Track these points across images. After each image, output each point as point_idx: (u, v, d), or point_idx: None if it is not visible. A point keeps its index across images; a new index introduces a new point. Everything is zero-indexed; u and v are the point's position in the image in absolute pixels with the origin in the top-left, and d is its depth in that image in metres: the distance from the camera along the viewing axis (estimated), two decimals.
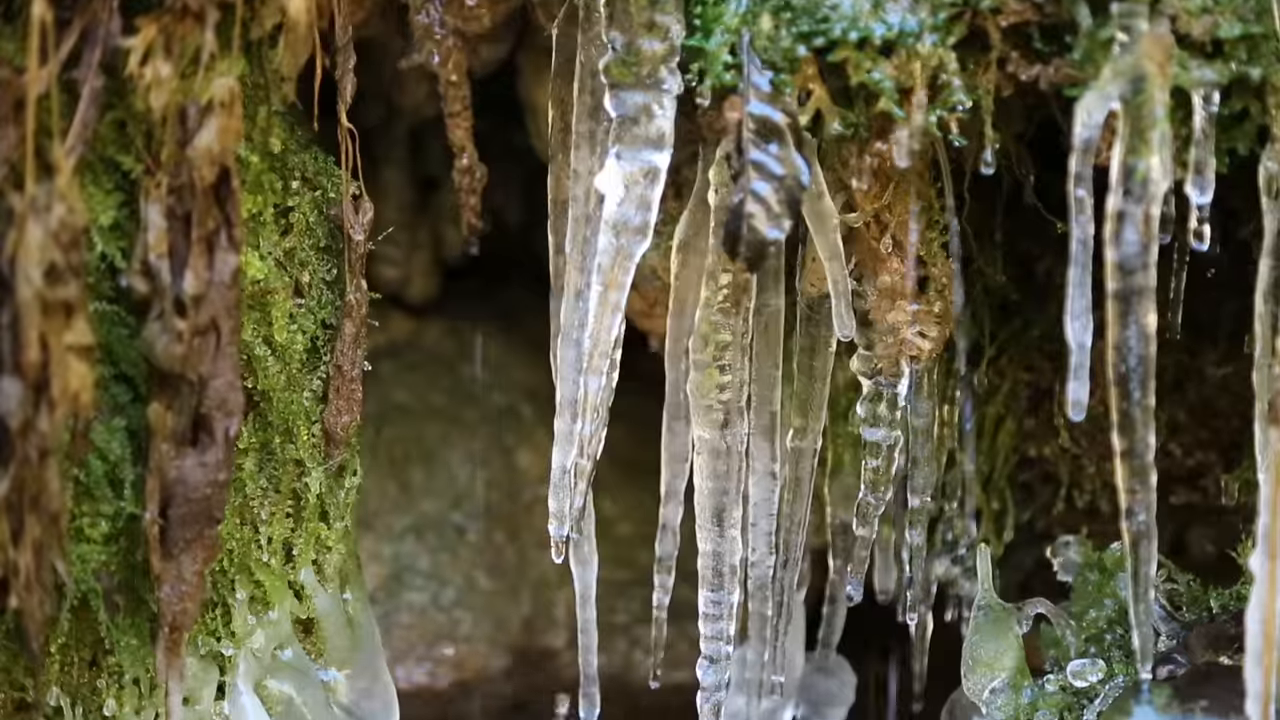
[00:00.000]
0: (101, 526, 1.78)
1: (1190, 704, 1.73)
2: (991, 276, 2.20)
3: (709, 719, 2.01)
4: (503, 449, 2.81)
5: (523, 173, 2.79)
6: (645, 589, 2.04)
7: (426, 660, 2.68)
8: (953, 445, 2.26)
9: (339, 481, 1.96)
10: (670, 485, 1.96)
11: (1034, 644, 2.00)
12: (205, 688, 1.88)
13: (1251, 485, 2.14)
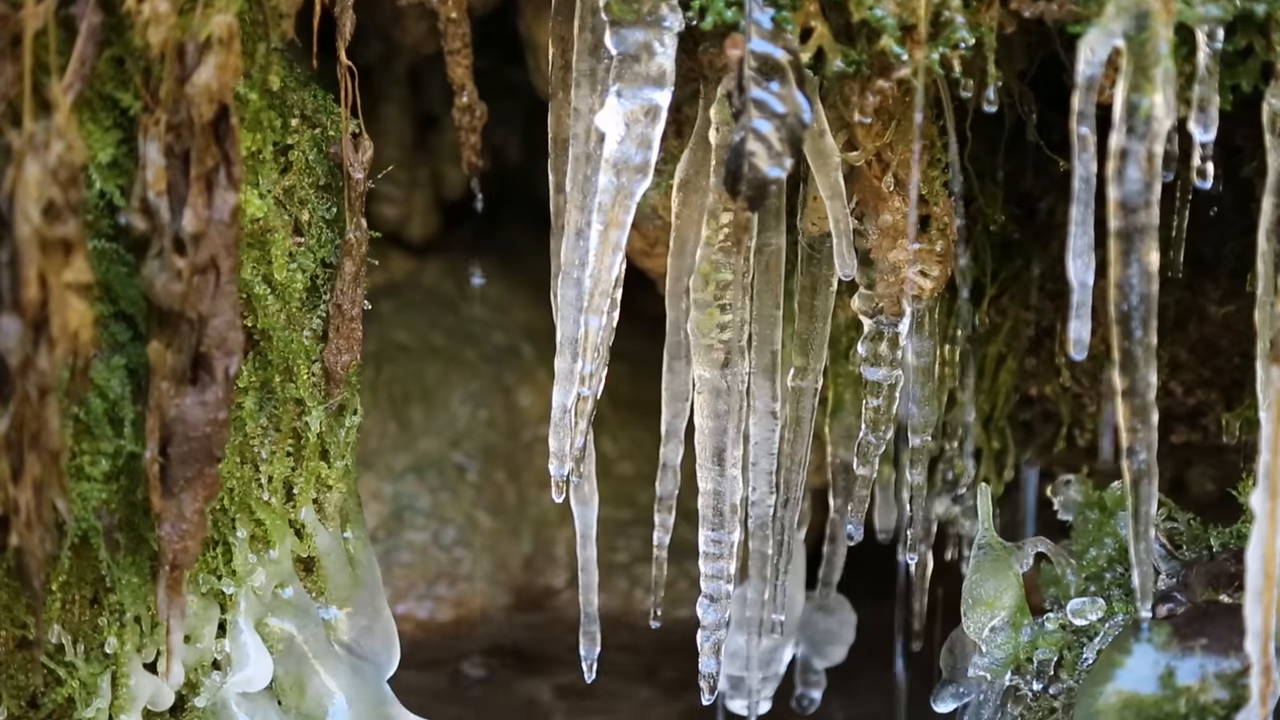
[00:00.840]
0: (102, 464, 1.78)
1: (1190, 642, 1.74)
2: (993, 215, 2.19)
3: (709, 657, 2.01)
4: (503, 388, 2.81)
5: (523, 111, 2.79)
6: (646, 528, 2.05)
7: (427, 599, 2.69)
8: (953, 384, 2.26)
9: (339, 420, 1.96)
10: (671, 424, 1.96)
11: (1034, 583, 2.00)
12: (206, 625, 1.89)
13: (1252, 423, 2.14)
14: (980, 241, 2.24)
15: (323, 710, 1.95)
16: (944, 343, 2.19)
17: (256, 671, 1.92)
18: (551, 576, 2.77)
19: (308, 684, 1.95)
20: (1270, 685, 1.61)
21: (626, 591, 2.73)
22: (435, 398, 2.78)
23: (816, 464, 2.21)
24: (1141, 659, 1.75)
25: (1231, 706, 1.69)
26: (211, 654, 1.90)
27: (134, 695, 1.85)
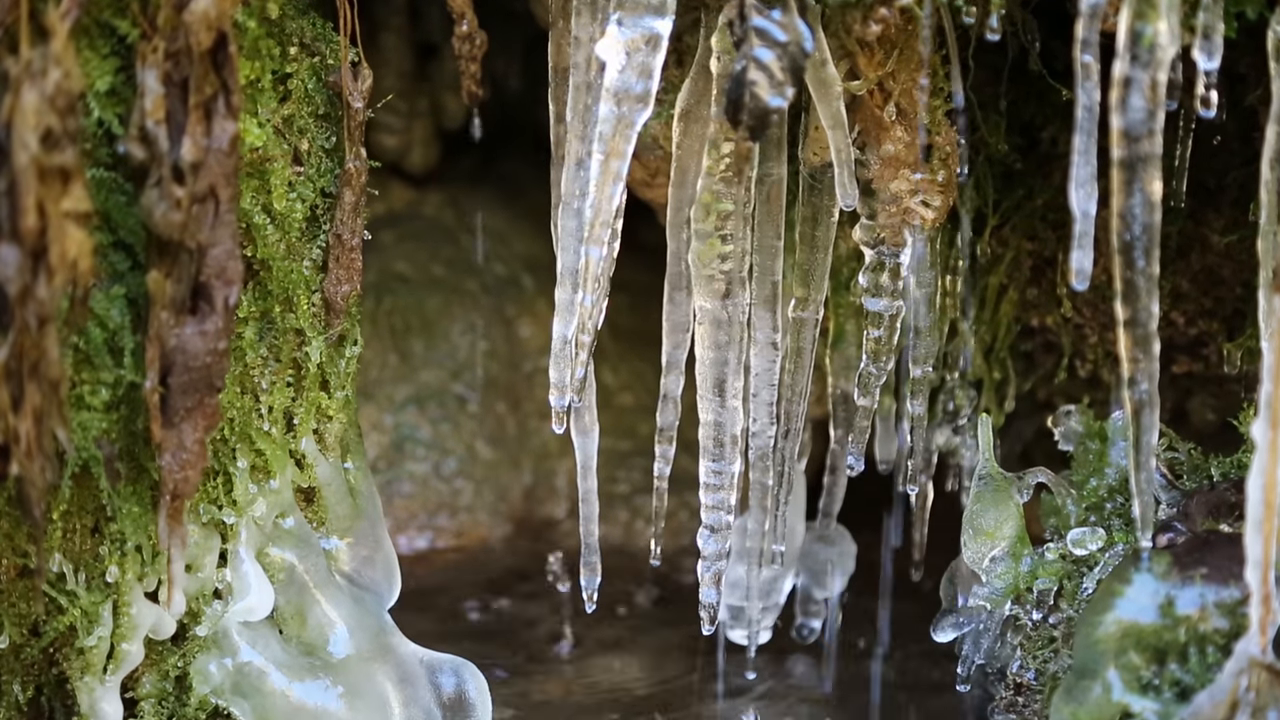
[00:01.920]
0: (102, 394, 1.78)
1: (1190, 571, 1.74)
2: (995, 145, 2.19)
3: (709, 587, 2.02)
4: (503, 319, 2.81)
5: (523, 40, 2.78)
6: (646, 459, 2.05)
7: (428, 529, 2.69)
8: (954, 315, 2.26)
9: (339, 351, 1.96)
10: (671, 355, 1.96)
11: (1034, 513, 2.01)
12: (207, 555, 1.89)
13: (1254, 353, 2.14)
14: (982, 171, 2.23)
15: (324, 639, 1.96)
16: (945, 273, 2.18)
17: (258, 601, 1.92)
18: (552, 507, 2.77)
19: (309, 613, 1.96)
20: (1270, 614, 1.61)
21: (627, 522, 2.73)
22: (436, 329, 2.78)
23: (817, 395, 2.21)
24: (1141, 588, 1.75)
25: (1231, 635, 1.70)
26: (213, 583, 1.90)
27: (135, 624, 1.85)
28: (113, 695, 1.87)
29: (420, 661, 2.01)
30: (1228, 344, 2.26)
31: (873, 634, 2.42)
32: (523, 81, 2.88)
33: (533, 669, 2.36)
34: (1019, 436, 2.53)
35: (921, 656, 2.30)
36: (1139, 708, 1.71)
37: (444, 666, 2.02)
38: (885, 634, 2.40)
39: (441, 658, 2.02)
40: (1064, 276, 2.27)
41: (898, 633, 2.39)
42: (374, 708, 1.96)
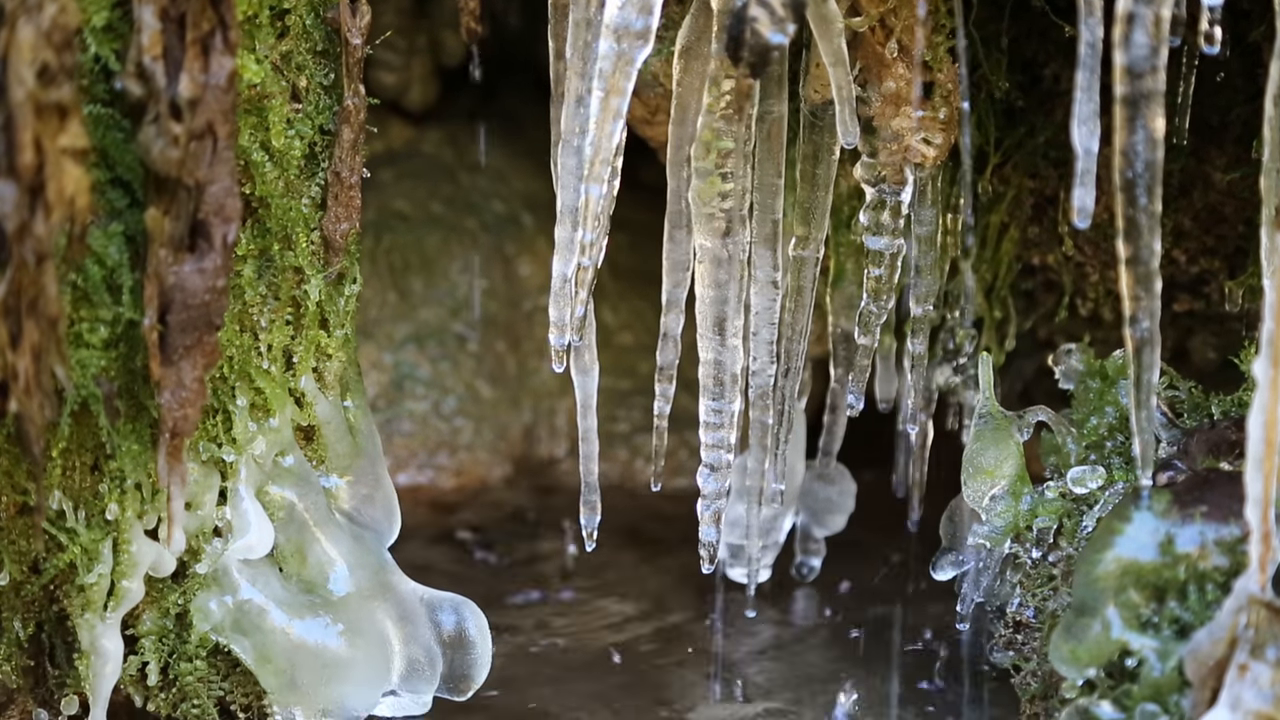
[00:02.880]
0: (100, 332, 1.77)
1: (1190, 509, 1.74)
2: (997, 82, 2.18)
3: (709, 526, 2.02)
4: (503, 258, 2.80)
5: None
6: (646, 398, 2.05)
7: (428, 468, 2.70)
8: (955, 253, 2.25)
9: (338, 289, 1.96)
10: (671, 294, 1.96)
11: (1034, 451, 2.01)
12: (207, 493, 1.89)
13: (1255, 291, 2.14)
14: (984, 109, 2.22)
15: (324, 577, 1.96)
16: (946, 211, 2.17)
17: (257, 539, 1.92)
18: (552, 446, 2.78)
19: (309, 551, 1.96)
20: (1269, 552, 1.61)
21: (627, 461, 2.73)
22: (435, 267, 2.77)
23: (817, 333, 2.21)
24: (1141, 526, 1.75)
25: (1230, 573, 1.70)
26: (212, 521, 1.90)
27: (135, 561, 1.86)
28: (113, 632, 1.88)
29: (420, 599, 2.01)
30: (1229, 282, 2.26)
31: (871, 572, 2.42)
32: (522, 18, 2.86)
33: (532, 606, 2.37)
34: (1019, 375, 2.53)
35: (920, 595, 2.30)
36: (1138, 645, 1.71)
37: (444, 604, 2.02)
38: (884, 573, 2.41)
39: (441, 595, 2.03)
40: (1065, 214, 2.27)
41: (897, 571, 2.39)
42: (374, 645, 1.96)
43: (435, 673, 2.00)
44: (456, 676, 2.02)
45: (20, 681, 1.92)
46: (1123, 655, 1.72)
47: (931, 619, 2.28)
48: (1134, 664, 1.71)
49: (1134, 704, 1.70)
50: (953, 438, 2.35)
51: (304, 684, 1.93)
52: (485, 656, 2.03)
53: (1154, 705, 1.69)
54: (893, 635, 2.28)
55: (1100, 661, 1.73)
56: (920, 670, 2.18)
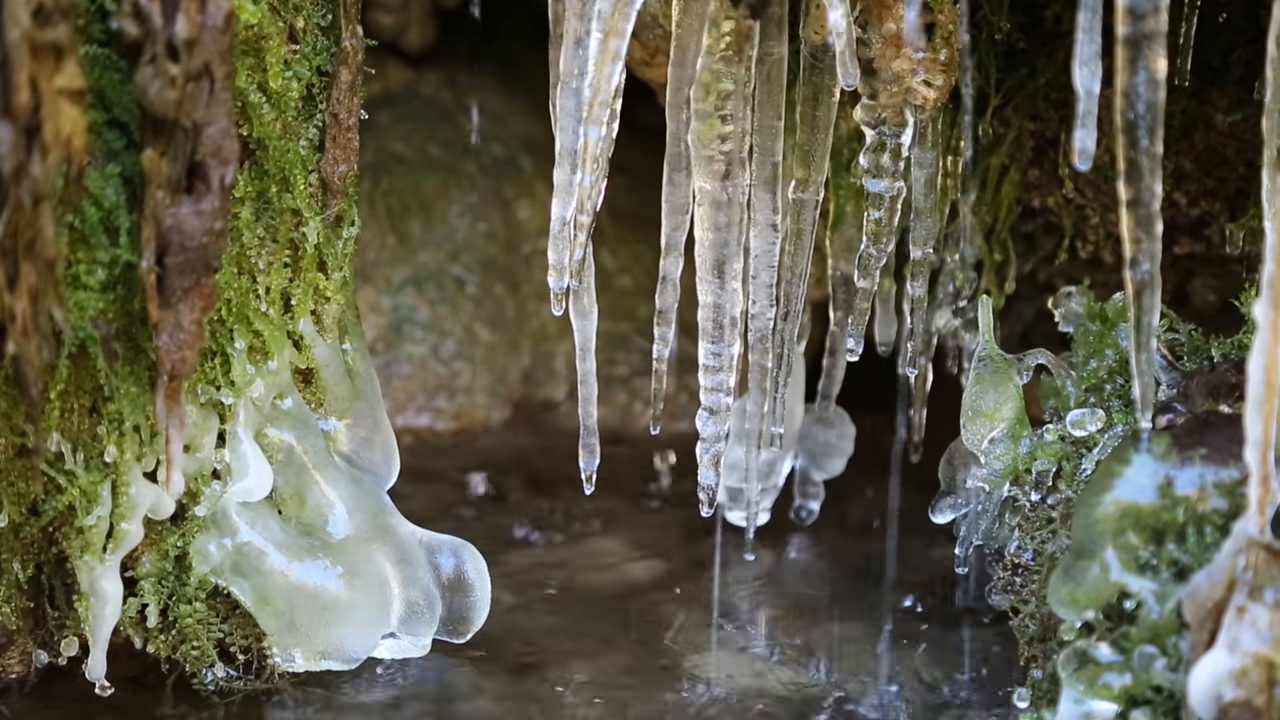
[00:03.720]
0: (98, 274, 1.77)
1: (1189, 452, 1.74)
2: (998, 23, 2.17)
3: (708, 469, 2.02)
4: (501, 201, 2.80)
5: None
6: (645, 341, 2.05)
7: (426, 411, 2.69)
8: (955, 196, 2.25)
9: (336, 231, 1.95)
10: (670, 237, 1.95)
11: (1034, 394, 2.00)
12: (206, 435, 1.89)
13: (1256, 233, 2.14)
14: (985, 50, 2.21)
15: (323, 520, 1.96)
16: (947, 154, 2.17)
17: (256, 481, 1.93)
18: (551, 389, 2.77)
19: (307, 494, 1.96)
20: (1268, 494, 1.61)
21: (626, 405, 2.73)
22: (433, 210, 2.76)
23: (817, 277, 2.20)
24: (1140, 469, 1.75)
25: (1229, 515, 1.70)
26: (211, 464, 1.90)
27: (134, 503, 1.86)
28: (112, 574, 1.88)
29: (419, 542, 2.01)
30: (1230, 224, 2.25)
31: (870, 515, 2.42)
32: None
33: (530, 549, 2.37)
34: (1019, 318, 2.52)
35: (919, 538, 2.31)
36: (1136, 587, 1.71)
37: (443, 547, 2.03)
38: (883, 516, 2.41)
39: (440, 538, 2.03)
40: (1066, 157, 2.26)
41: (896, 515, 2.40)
42: (373, 588, 1.97)
43: (434, 615, 2.01)
44: (455, 619, 2.03)
45: (20, 623, 1.92)
46: (1121, 598, 1.72)
47: (930, 562, 2.29)
48: (1132, 606, 1.71)
49: (1132, 646, 1.70)
50: (952, 381, 2.35)
51: (303, 626, 1.94)
52: (484, 599, 2.03)
53: (1152, 647, 1.69)
54: (891, 577, 2.28)
55: (1099, 604, 1.73)
56: (918, 613, 2.18)
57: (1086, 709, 1.70)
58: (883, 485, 2.42)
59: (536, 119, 2.81)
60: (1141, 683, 1.69)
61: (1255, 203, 2.20)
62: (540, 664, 2.07)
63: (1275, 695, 1.59)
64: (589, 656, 2.08)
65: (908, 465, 2.36)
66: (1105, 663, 1.71)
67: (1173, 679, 1.68)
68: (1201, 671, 1.62)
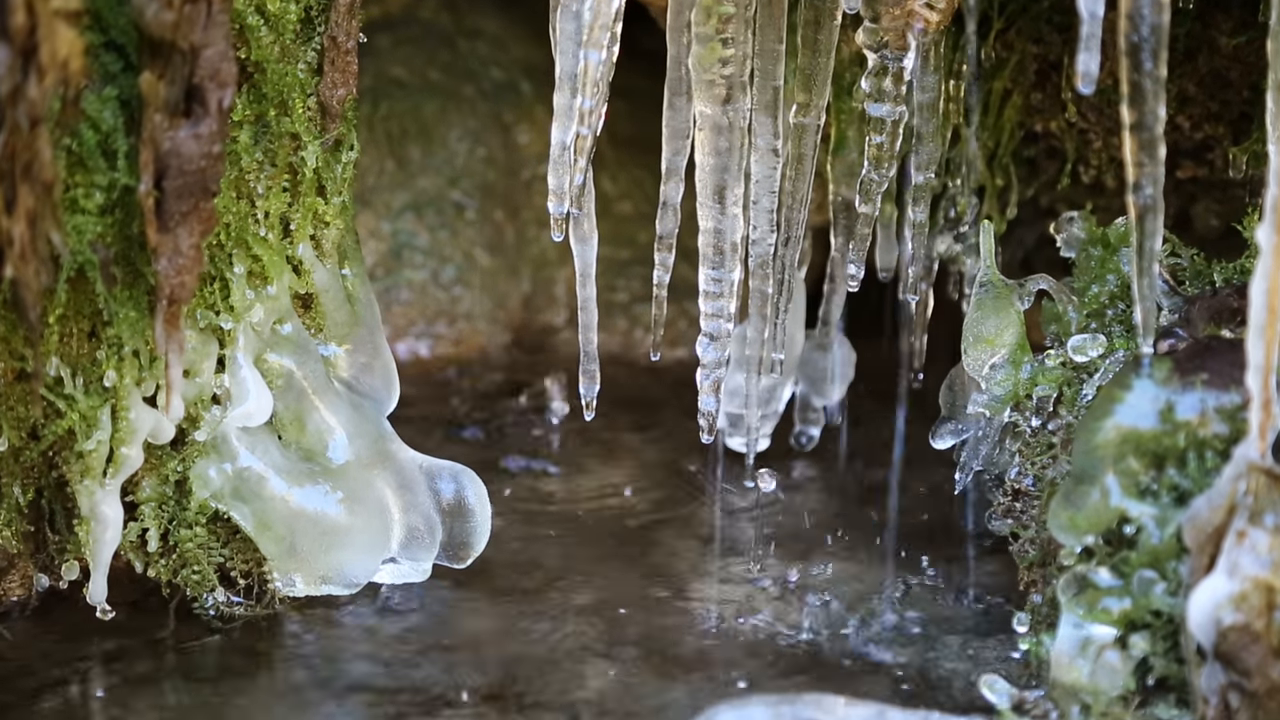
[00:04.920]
0: (96, 198, 1.76)
1: (1190, 377, 1.74)
2: None
3: (708, 395, 2.02)
4: (501, 125, 2.79)
5: None
6: (645, 267, 2.04)
7: (426, 337, 2.69)
8: (958, 120, 2.24)
9: (335, 156, 1.95)
10: (671, 162, 1.95)
11: (1035, 320, 2.00)
12: (205, 360, 1.89)
13: (1259, 157, 2.13)
14: None
15: (323, 445, 1.96)
16: (949, 78, 2.16)
17: (256, 406, 1.92)
18: (551, 315, 2.77)
19: (308, 419, 1.96)
20: (1269, 419, 1.61)
21: (626, 331, 2.73)
22: (433, 135, 2.75)
23: (818, 202, 2.19)
24: (1141, 394, 1.75)
25: (1230, 440, 1.70)
26: (211, 389, 1.90)
27: (134, 428, 1.86)
28: (113, 498, 1.88)
29: (419, 468, 2.02)
30: (1233, 148, 2.24)
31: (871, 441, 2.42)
32: None
33: (530, 475, 2.37)
34: (1021, 243, 2.52)
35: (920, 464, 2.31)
36: (1136, 512, 1.71)
37: (443, 473, 2.03)
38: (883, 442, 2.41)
39: (440, 464, 2.03)
40: (1069, 80, 2.25)
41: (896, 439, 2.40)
42: (373, 513, 1.97)
43: (434, 540, 2.01)
44: (456, 544, 2.03)
45: (20, 547, 1.92)
46: (1121, 522, 1.72)
47: (930, 487, 2.29)
48: (1132, 531, 1.71)
49: (1132, 570, 1.70)
50: (953, 306, 2.35)
51: (303, 551, 1.94)
52: (484, 524, 2.03)
53: (1152, 572, 1.70)
54: (891, 503, 2.28)
55: (1099, 529, 1.73)
56: (919, 538, 2.19)
57: (1085, 633, 1.71)
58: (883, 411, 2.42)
59: (536, 43, 2.80)
60: (1141, 607, 1.70)
61: (1259, 126, 2.20)
62: (540, 589, 2.07)
63: (1274, 619, 1.59)
64: (588, 582, 2.09)
65: (909, 391, 2.36)
66: (1105, 587, 1.71)
67: (1172, 603, 1.68)
68: (1201, 596, 1.62)
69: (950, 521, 2.21)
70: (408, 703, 1.84)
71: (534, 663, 1.92)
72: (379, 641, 1.96)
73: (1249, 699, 1.61)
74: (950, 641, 1.96)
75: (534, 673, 1.90)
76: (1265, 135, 1.71)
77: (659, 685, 1.88)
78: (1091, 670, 1.70)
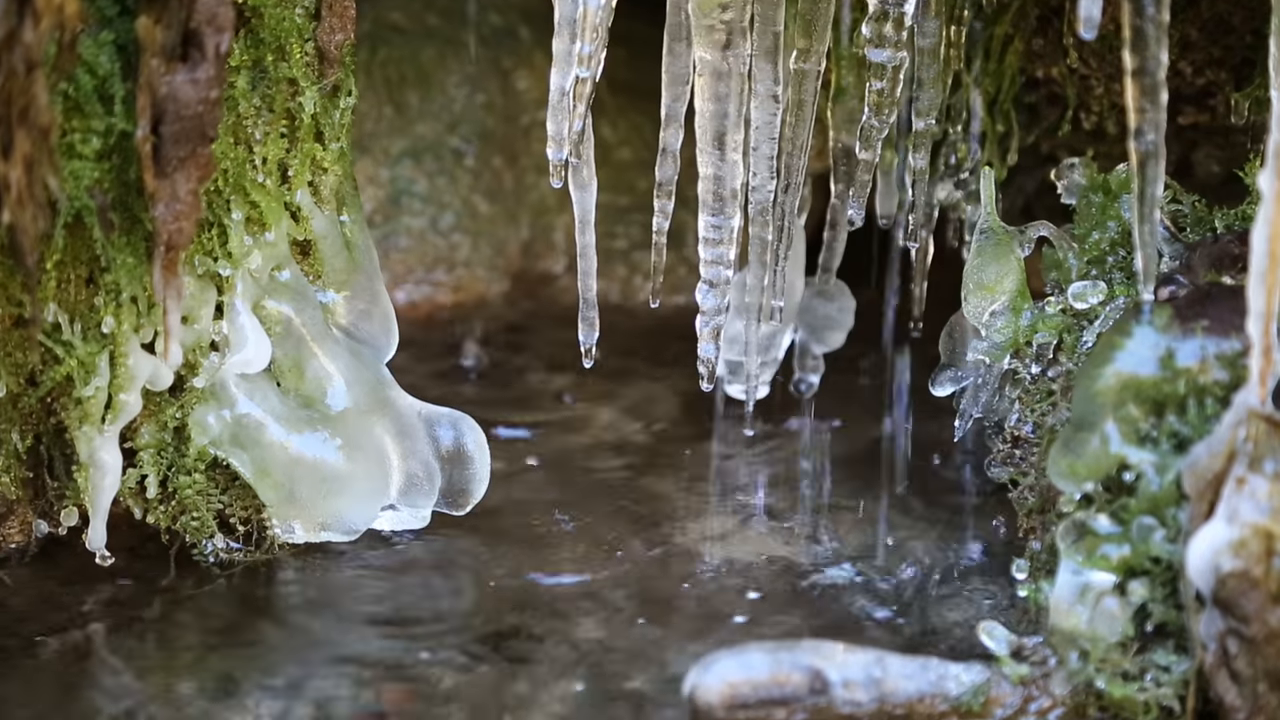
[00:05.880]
0: (93, 143, 1.76)
1: (1191, 324, 1.73)
2: None
3: (708, 342, 2.02)
4: (500, 71, 2.77)
5: None
6: (645, 214, 2.04)
7: (425, 284, 2.69)
8: (959, 66, 2.22)
9: (333, 102, 1.94)
10: (670, 109, 1.94)
11: (1035, 267, 2.00)
12: (203, 307, 1.89)
13: (1262, 103, 2.12)
14: None
15: (322, 392, 1.96)
16: (950, 23, 2.14)
17: (255, 353, 1.92)
18: (550, 262, 2.76)
19: (306, 366, 1.96)
20: (1270, 365, 1.61)
21: (625, 278, 2.72)
22: (431, 81, 2.74)
23: (818, 148, 2.18)
24: (1142, 341, 1.74)
25: (1230, 387, 1.70)
26: (209, 335, 1.90)
27: (132, 375, 1.86)
28: (111, 445, 1.88)
29: (418, 415, 2.02)
30: (1235, 94, 2.23)
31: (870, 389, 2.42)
32: None
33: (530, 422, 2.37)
34: (1021, 190, 2.51)
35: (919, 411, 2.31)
36: (1136, 459, 1.71)
37: (442, 420, 2.03)
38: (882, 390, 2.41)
39: (439, 411, 2.03)
40: (1071, 26, 2.24)
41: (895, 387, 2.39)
42: (372, 460, 1.97)
43: (434, 487, 2.01)
44: (455, 491, 2.03)
45: (20, 493, 1.92)
46: (1120, 469, 1.72)
47: (930, 434, 2.29)
48: (1132, 478, 1.71)
49: (1131, 517, 1.70)
50: (953, 254, 2.34)
51: (303, 497, 1.94)
52: (483, 471, 2.04)
53: (1151, 518, 1.70)
54: (890, 450, 2.28)
55: (1098, 476, 1.73)
56: (919, 484, 2.19)
57: (1084, 580, 1.71)
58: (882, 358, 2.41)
59: None
60: (1140, 554, 1.70)
61: (1261, 72, 2.19)
62: (540, 535, 2.08)
63: (1273, 566, 1.59)
64: (588, 528, 2.09)
65: (908, 339, 2.35)
66: (1104, 534, 1.71)
67: (1171, 550, 1.68)
68: (1200, 542, 1.62)
69: (949, 469, 2.22)
70: (407, 644, 1.85)
71: (533, 605, 1.92)
72: (378, 586, 1.96)
73: (1247, 645, 1.61)
74: (949, 588, 1.97)
75: (533, 615, 1.90)
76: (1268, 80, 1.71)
77: (657, 630, 1.88)
78: (1090, 617, 1.70)
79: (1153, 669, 1.69)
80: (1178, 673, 1.68)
